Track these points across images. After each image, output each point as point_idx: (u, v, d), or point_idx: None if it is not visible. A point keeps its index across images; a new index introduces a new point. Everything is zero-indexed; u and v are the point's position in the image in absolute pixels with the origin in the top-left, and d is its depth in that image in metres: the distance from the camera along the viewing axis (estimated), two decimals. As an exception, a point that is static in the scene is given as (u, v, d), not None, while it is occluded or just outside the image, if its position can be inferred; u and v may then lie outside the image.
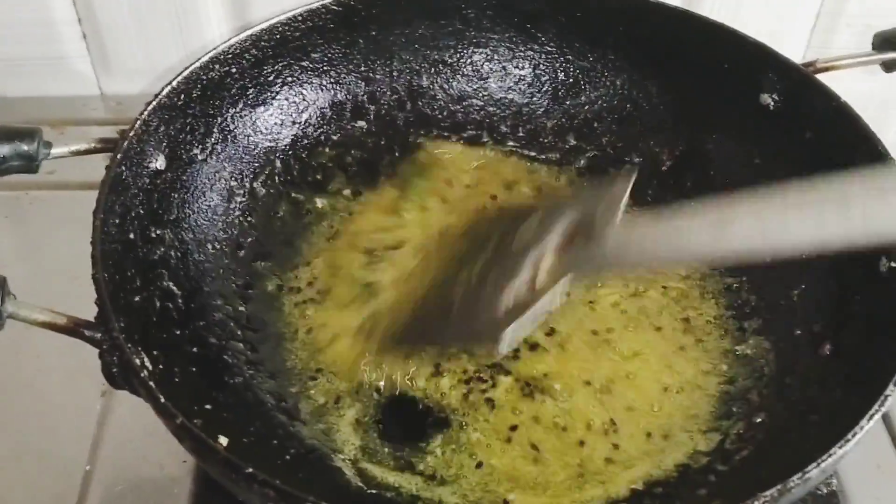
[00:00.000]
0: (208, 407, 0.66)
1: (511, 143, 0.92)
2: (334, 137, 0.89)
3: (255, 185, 0.84)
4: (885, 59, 0.84)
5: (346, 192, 0.88)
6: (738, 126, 0.85)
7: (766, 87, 0.82)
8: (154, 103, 0.74)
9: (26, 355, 0.80)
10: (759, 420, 0.70)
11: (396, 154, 0.91)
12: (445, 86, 0.93)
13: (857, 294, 0.72)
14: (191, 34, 1.01)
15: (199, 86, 0.78)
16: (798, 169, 0.79)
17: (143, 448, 0.75)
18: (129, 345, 0.59)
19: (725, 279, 0.81)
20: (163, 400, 0.55)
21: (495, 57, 0.93)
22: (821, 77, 0.81)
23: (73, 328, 0.60)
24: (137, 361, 0.58)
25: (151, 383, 0.56)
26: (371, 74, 0.91)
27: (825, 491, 0.73)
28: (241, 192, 0.83)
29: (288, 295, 0.79)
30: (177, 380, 0.65)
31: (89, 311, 0.62)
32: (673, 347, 0.76)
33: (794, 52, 1.03)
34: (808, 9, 1.01)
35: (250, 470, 0.52)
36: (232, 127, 0.82)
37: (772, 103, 0.82)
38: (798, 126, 0.80)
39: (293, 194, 0.86)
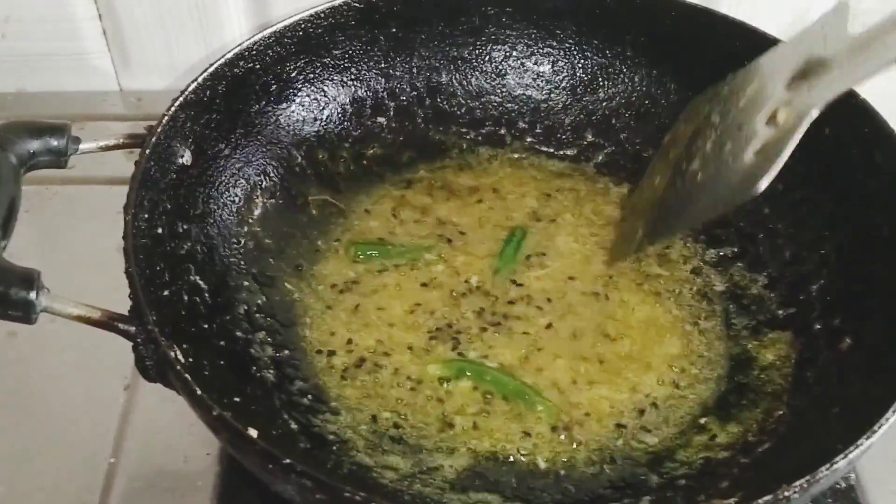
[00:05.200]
0: (237, 399, 0.66)
1: (529, 139, 0.93)
2: (354, 133, 0.90)
3: (277, 180, 0.84)
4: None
5: (365, 186, 0.88)
6: (756, 122, 0.86)
7: (784, 84, 0.83)
8: (180, 99, 0.74)
9: (50, 350, 0.81)
10: (780, 413, 0.70)
11: (415, 150, 0.91)
12: (464, 82, 0.93)
13: (876, 288, 0.73)
14: (210, 30, 1.02)
15: (223, 82, 0.79)
16: (816, 164, 0.81)
17: (167, 441, 0.75)
18: (163, 338, 0.59)
19: (746, 273, 0.82)
20: (199, 392, 0.56)
21: (514, 53, 0.94)
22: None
23: (108, 322, 0.61)
24: (172, 354, 0.59)
25: (187, 376, 0.57)
26: (391, 71, 0.91)
27: (844, 485, 0.73)
28: (264, 187, 0.83)
29: (311, 289, 0.80)
30: (206, 373, 0.66)
31: (112, 304, 0.63)
32: (693, 342, 0.77)
33: (809, 49, 1.03)
34: (823, 7, 1.01)
35: (288, 461, 0.53)
36: (255, 123, 0.83)
37: (790, 100, 0.83)
38: (816, 122, 0.80)
39: (314, 189, 0.86)
